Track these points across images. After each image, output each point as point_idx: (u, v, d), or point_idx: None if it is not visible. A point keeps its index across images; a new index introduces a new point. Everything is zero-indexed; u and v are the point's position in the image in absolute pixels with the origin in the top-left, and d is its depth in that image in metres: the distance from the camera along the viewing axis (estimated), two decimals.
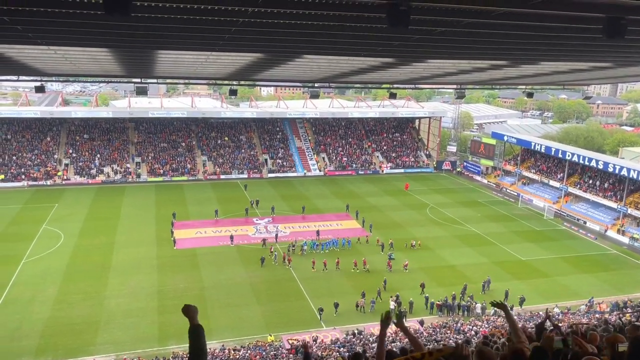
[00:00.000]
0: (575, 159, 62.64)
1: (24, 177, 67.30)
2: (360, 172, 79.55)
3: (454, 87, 42.80)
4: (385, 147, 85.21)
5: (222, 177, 73.66)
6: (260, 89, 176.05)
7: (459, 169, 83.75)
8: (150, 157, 74.27)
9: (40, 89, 32.51)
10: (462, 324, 30.91)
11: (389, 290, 37.50)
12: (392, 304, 34.85)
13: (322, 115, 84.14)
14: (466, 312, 35.38)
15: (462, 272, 42.18)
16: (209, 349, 27.68)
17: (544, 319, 8.33)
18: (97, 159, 72.21)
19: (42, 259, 42.23)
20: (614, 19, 9.23)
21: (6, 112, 75.10)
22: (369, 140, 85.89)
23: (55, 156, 71.54)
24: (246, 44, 15.75)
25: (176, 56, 20.69)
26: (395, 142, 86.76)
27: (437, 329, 29.97)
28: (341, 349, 25.74)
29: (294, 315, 34.51)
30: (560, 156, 65.49)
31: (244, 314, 34.36)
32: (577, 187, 62.98)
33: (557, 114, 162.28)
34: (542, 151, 68.95)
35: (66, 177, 68.87)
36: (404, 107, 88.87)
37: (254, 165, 76.70)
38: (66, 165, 70.85)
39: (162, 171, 72.33)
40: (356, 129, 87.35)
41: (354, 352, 11.00)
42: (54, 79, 42.35)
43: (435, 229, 53.45)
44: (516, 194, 68.30)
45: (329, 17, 10.54)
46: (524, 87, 41.46)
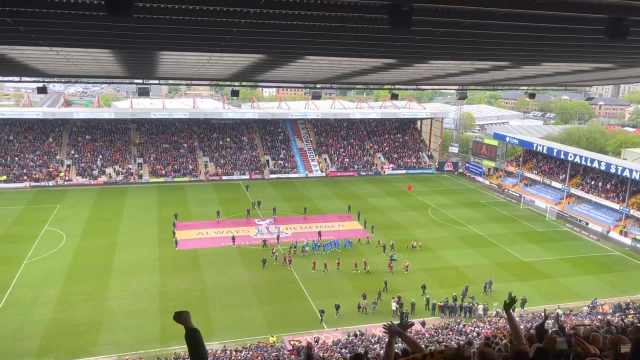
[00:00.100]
0: (577, 160, 62.53)
1: (26, 178, 67.40)
2: (362, 173, 79.53)
3: (456, 88, 42.77)
4: (387, 148, 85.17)
5: (224, 178, 73.68)
6: (262, 90, 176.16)
7: (460, 170, 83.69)
8: (152, 158, 74.35)
9: (42, 90, 32.58)
10: (464, 325, 30.86)
11: (391, 291, 37.46)
12: (394, 305, 34.82)
13: (324, 116, 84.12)
14: (468, 313, 35.33)
15: (463, 273, 42.12)
16: (211, 350, 27.72)
17: (543, 320, 8.33)
18: (99, 159, 72.31)
19: (44, 260, 42.27)
20: (616, 19, 9.22)
21: (8, 113, 75.22)
22: (371, 141, 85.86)
23: (57, 157, 71.65)
24: (248, 45, 15.76)
25: (178, 57, 20.72)
26: (397, 143, 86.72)
27: (439, 330, 29.93)
28: (343, 350, 25.73)
29: (296, 316, 34.49)
30: (562, 157, 65.40)
31: (245, 315, 34.35)
32: (579, 188, 62.88)
33: (559, 115, 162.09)
34: (544, 152, 68.86)
35: (68, 178, 68.97)
36: (405, 108, 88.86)
37: (256, 166, 76.72)
38: (68, 166, 70.95)
39: (164, 172, 72.40)
40: (358, 129, 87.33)
41: (355, 353, 10.98)
42: (56, 80, 42.50)
43: (437, 230, 53.39)
44: (518, 195, 68.20)
45: (331, 18, 10.54)
46: (526, 88, 41.42)
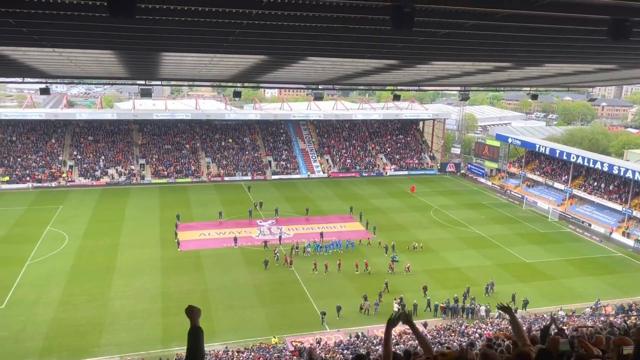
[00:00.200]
0: (579, 161, 62.43)
1: (28, 178, 67.54)
2: (364, 174, 79.51)
3: (458, 89, 42.70)
4: (389, 149, 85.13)
5: (226, 179, 73.74)
6: (264, 91, 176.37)
7: (463, 171, 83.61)
8: (154, 159, 74.44)
9: (45, 91, 32.64)
10: (466, 327, 30.84)
11: (392, 292, 37.43)
12: (396, 306, 34.77)
13: (326, 117, 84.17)
14: (470, 315, 35.27)
15: (466, 274, 42.06)
16: (213, 350, 27.73)
17: (549, 323, 8.30)
18: (101, 160, 72.43)
19: (47, 261, 42.34)
20: (619, 20, 9.19)
21: (11, 113, 75.36)
22: (373, 142, 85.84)
23: (59, 158, 71.79)
24: (250, 46, 15.76)
25: (180, 58, 20.74)
26: (399, 144, 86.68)
27: (441, 332, 29.89)
28: (345, 352, 25.70)
29: (298, 317, 34.47)
30: (564, 158, 65.28)
31: (247, 316, 34.35)
32: (582, 189, 62.76)
33: (561, 116, 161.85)
34: (547, 153, 68.75)
35: (71, 179, 69.08)
36: (407, 109, 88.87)
37: (258, 167, 76.76)
38: (71, 167, 71.08)
39: (166, 173, 72.49)
40: (360, 130, 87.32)
41: (357, 354, 10.99)
42: (59, 81, 42.59)
43: (439, 231, 53.34)
44: (520, 196, 68.10)
45: (333, 19, 10.54)
46: (529, 89, 41.31)
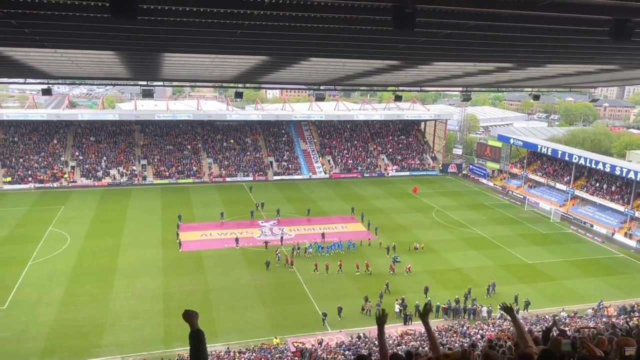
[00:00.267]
0: (582, 161, 62.34)
1: (30, 179, 67.64)
2: (365, 175, 79.49)
3: (460, 89, 42.69)
4: (390, 150, 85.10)
5: (228, 179, 73.77)
6: (265, 92, 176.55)
7: (464, 172, 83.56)
8: (156, 160, 74.51)
9: (47, 92, 32.68)
10: (468, 328, 30.79)
11: (393, 293, 37.38)
12: (397, 307, 34.76)
13: (328, 117, 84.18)
14: (472, 316, 35.21)
15: (467, 275, 42.01)
16: (215, 351, 27.73)
17: (551, 324, 8.29)
18: (103, 161, 72.51)
19: (49, 261, 42.39)
20: (621, 21, 9.18)
21: (13, 114, 75.51)
22: (375, 142, 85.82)
23: (61, 158, 71.90)
24: (252, 46, 15.77)
25: (182, 59, 20.76)
26: (400, 145, 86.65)
27: (443, 332, 29.84)
28: (346, 352, 25.69)
29: (300, 317, 34.45)
30: (566, 159, 65.20)
31: (249, 317, 34.35)
32: (584, 190, 62.66)
33: (563, 116, 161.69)
34: (549, 154, 68.67)
35: (72, 180, 69.18)
36: (409, 110, 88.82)
37: (260, 167, 76.78)
38: (72, 167, 71.18)
39: (167, 173, 72.55)
40: (361, 131, 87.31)
41: (358, 355, 10.97)
42: (61, 82, 42.65)
43: (440, 231, 53.30)
44: (522, 197, 68.04)
45: (335, 19, 10.54)
46: (530, 89, 41.32)
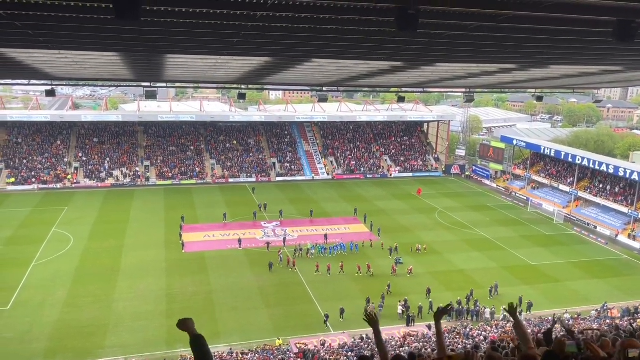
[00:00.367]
0: (585, 163, 62.17)
1: (34, 180, 67.83)
2: (368, 176, 79.45)
3: (463, 90, 42.68)
4: (393, 151, 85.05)
5: (231, 180, 73.85)
6: (268, 93, 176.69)
7: (467, 173, 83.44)
8: (159, 161, 74.62)
9: (50, 93, 32.79)
10: (471, 329, 30.71)
11: (397, 294, 37.31)
12: (400, 309, 34.71)
13: (331, 119, 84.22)
14: (475, 317, 35.14)
15: (470, 276, 41.93)
16: (217, 352, 27.75)
17: (552, 325, 8.28)
18: (106, 162, 72.67)
19: (52, 262, 42.48)
20: (625, 22, 9.15)
21: (17, 115, 75.81)
22: (377, 144, 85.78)
23: (65, 159, 72.08)
24: (254, 48, 15.80)
25: (185, 60, 20.80)
26: (403, 146, 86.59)
27: (446, 334, 29.79)
28: (349, 354, 25.66)
29: (302, 319, 34.43)
30: (570, 160, 65.03)
31: (252, 318, 34.34)
32: (587, 191, 62.48)
33: (567, 117, 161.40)
34: (552, 155, 68.50)
35: (76, 181, 69.33)
36: (412, 111, 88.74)
37: (262, 168, 76.83)
38: (76, 168, 71.34)
39: (171, 175, 72.65)
40: (364, 132, 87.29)
41: (361, 356, 10.97)
42: (64, 83, 42.77)
43: (443, 233, 53.22)
44: (525, 198, 67.91)
45: (338, 21, 10.55)
46: (534, 90, 41.25)
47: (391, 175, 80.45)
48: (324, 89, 37.41)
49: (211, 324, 32.27)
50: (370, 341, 29.12)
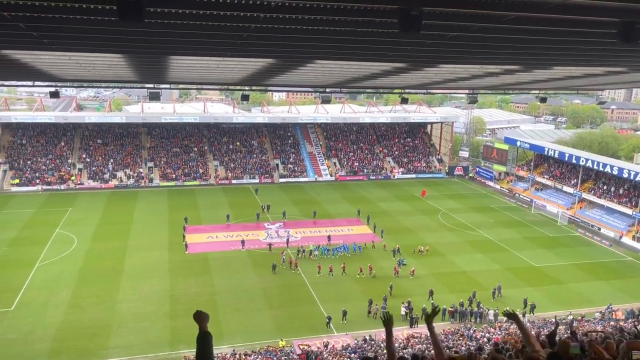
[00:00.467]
0: (589, 164, 61.98)
1: (38, 181, 68.03)
2: (371, 177, 79.39)
3: (466, 92, 42.59)
4: (396, 152, 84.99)
5: (234, 181, 73.91)
6: (271, 94, 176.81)
7: (471, 175, 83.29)
8: (162, 162, 74.76)
9: (54, 94, 32.90)
10: (475, 331, 30.63)
11: (399, 296, 37.26)
12: (403, 310, 34.66)
13: (334, 120, 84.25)
14: (479, 319, 35.06)
15: (473, 278, 41.84)
16: (221, 353, 27.75)
17: (555, 328, 8.23)
18: (110, 163, 72.84)
19: (56, 263, 42.58)
20: (629, 23, 9.13)
21: (21, 117, 76.00)
22: (381, 145, 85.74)
23: (69, 161, 72.28)
24: (258, 49, 15.81)
25: (189, 62, 20.83)
26: (407, 147, 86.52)
27: (450, 336, 29.72)
28: (352, 355, 25.62)
29: (305, 320, 34.41)
30: (574, 162, 64.85)
31: (255, 319, 34.35)
32: (592, 193, 62.30)
33: (570, 119, 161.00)
34: (556, 156, 68.32)
35: (80, 182, 69.51)
36: (415, 112, 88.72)
37: (266, 170, 76.87)
38: (80, 169, 71.54)
39: (174, 176, 72.76)
40: (367, 134, 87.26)
41: (364, 357, 10.97)
42: (68, 85, 42.90)
43: (447, 234, 53.13)
44: (529, 200, 67.73)
45: (341, 22, 10.55)
46: (537, 92, 41.16)
47: (394, 176, 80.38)
48: (327, 90, 37.38)
49: (214, 325, 32.15)
50: (373, 342, 29.10)
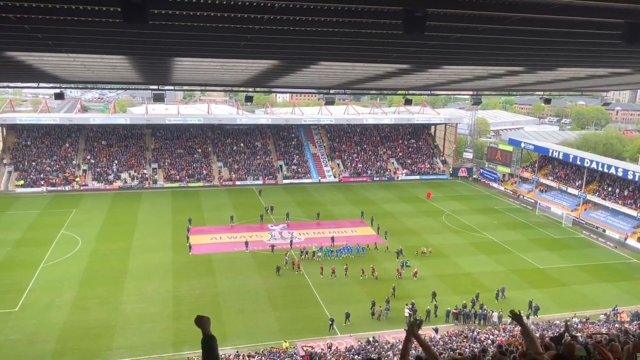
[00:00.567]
0: (594, 166, 61.76)
1: (42, 182, 68.26)
2: (375, 179, 79.32)
3: (470, 93, 42.55)
4: (400, 154, 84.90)
5: (238, 183, 73.98)
6: (275, 96, 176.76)
7: (475, 176, 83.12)
8: (166, 163, 74.90)
9: (59, 96, 33.05)
10: (478, 333, 30.54)
11: (403, 297, 37.18)
12: (407, 312, 34.58)
13: (337, 121, 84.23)
14: (482, 321, 34.96)
15: (477, 279, 41.73)
16: (224, 354, 27.74)
17: (563, 331, 8.18)
18: (114, 164, 73.03)
19: (60, 264, 42.69)
20: (634, 24, 9.10)
21: (26, 118, 76.34)
22: (384, 146, 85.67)
23: (73, 162, 72.50)
24: (262, 50, 15.83)
25: (192, 63, 20.88)
26: (410, 149, 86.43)
27: (453, 337, 29.65)
28: (356, 357, 25.58)
29: (309, 321, 34.38)
30: (578, 163, 64.65)
31: (258, 320, 34.35)
32: (596, 194, 62.07)
33: (575, 120, 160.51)
34: (560, 158, 68.11)
35: (84, 183, 69.70)
36: (419, 114, 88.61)
37: (269, 171, 76.92)
38: (84, 171, 71.74)
39: (178, 177, 72.88)
40: (371, 135, 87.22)
41: (367, 358, 10.95)
42: (73, 86, 43.10)
43: (451, 236, 53.01)
44: (533, 202, 67.52)
45: (345, 23, 10.54)
46: (542, 93, 41.09)
47: (398, 178, 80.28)
48: (331, 91, 37.38)
49: (218, 326, 32.25)
50: (377, 344, 29.06)
